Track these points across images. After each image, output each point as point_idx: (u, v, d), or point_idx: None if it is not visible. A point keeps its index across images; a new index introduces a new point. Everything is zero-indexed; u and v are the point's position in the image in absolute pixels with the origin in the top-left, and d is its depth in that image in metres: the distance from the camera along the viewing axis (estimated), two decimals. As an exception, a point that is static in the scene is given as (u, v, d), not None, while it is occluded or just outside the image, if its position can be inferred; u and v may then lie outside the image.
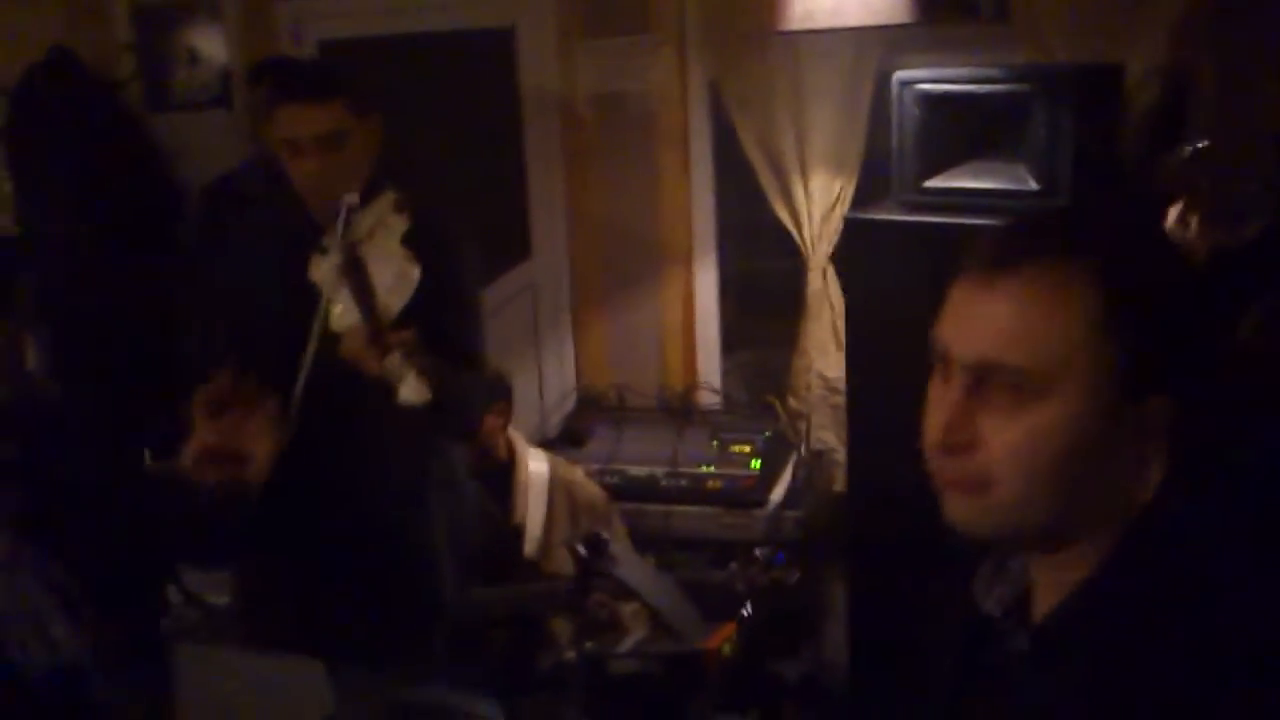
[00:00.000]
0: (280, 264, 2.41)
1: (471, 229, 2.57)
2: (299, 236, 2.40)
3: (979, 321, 1.08)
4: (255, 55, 4.17)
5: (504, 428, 3.34)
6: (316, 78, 2.40)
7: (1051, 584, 1.14)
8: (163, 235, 4.31)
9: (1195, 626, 1.05)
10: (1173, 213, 2.48)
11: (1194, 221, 2.47)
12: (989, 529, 1.11)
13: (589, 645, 2.49)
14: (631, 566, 2.45)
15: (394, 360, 2.07)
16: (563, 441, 3.86)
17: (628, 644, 2.66)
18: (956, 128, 3.01)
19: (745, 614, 2.50)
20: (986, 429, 1.07)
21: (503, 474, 3.30)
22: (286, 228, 2.46)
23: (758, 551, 2.66)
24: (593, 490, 3.42)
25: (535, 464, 3.37)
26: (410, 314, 2.27)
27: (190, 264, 3.89)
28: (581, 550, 2.34)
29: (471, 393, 2.48)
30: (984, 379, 1.07)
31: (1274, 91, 3.08)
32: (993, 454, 1.07)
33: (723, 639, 2.44)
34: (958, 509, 1.11)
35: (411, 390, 2.06)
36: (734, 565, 2.69)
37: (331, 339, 2.29)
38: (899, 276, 3.13)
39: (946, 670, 1.25)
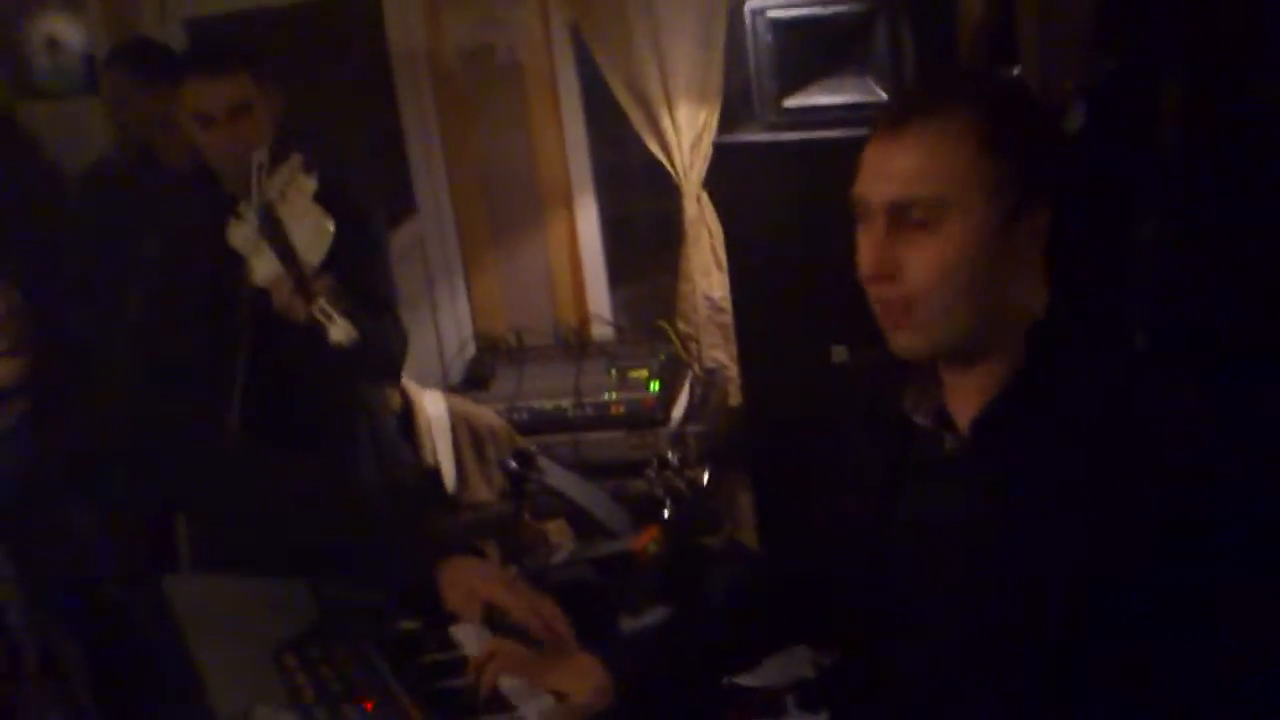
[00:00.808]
0: (199, 235, 2.54)
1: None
2: (214, 207, 2.54)
3: (889, 170, 1.34)
4: (118, 39, 4.20)
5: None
6: (222, 51, 2.53)
7: (969, 394, 1.41)
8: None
9: (1101, 420, 1.32)
10: None
11: None
12: (925, 346, 1.37)
13: (526, 561, 2.68)
14: (560, 475, 2.63)
15: (320, 305, 2.24)
16: (466, 386, 4.00)
17: (560, 557, 2.85)
18: (807, 49, 3.27)
19: (666, 515, 2.70)
20: (905, 257, 1.34)
21: (404, 420, 3.45)
22: (200, 201, 2.59)
23: (670, 455, 2.87)
24: (492, 419, 3.58)
25: (433, 405, 3.52)
26: (327, 268, 2.43)
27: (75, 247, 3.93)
28: (513, 465, 2.52)
29: (392, 336, 2.64)
30: (898, 216, 1.33)
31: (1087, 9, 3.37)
32: (911, 277, 1.33)
33: (648, 539, 2.63)
34: (899, 339, 1.38)
35: (340, 331, 2.23)
36: (650, 472, 2.89)
37: (256, 297, 2.45)
38: (768, 193, 3.39)
39: (877, 474, 1.49)
